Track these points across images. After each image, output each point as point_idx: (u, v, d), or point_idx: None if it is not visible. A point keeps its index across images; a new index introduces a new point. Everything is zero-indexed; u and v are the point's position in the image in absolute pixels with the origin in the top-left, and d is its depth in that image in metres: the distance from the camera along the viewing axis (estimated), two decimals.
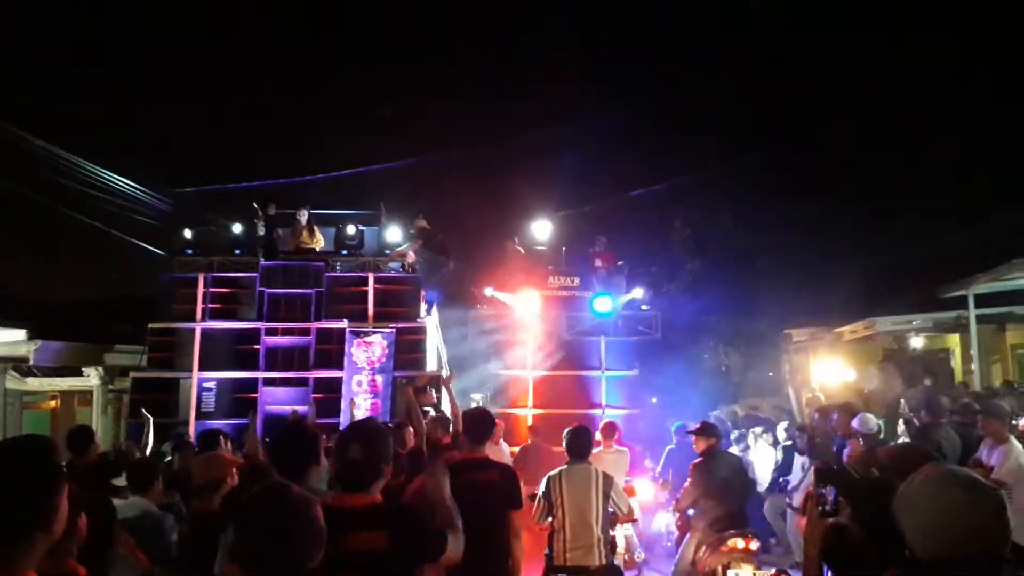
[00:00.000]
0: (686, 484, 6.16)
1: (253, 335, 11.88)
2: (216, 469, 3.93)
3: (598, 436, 7.57)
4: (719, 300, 22.62)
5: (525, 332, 13.05)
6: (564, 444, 5.41)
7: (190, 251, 12.77)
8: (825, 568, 2.54)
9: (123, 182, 14.89)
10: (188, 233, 12.97)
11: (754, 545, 5.85)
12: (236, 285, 12.24)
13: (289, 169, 16.20)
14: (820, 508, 2.64)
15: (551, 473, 5.30)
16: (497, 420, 6.40)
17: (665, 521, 8.50)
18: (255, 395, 11.63)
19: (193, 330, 11.84)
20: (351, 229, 13.09)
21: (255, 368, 11.75)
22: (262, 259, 12.30)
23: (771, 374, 20.65)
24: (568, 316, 13.19)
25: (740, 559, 5.74)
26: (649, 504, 8.47)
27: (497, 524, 4.28)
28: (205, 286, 12.05)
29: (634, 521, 6.21)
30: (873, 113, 20.70)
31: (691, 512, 6.13)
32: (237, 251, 12.76)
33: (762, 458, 10.01)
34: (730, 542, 5.76)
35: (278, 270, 12.25)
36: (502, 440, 8.40)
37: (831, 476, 2.75)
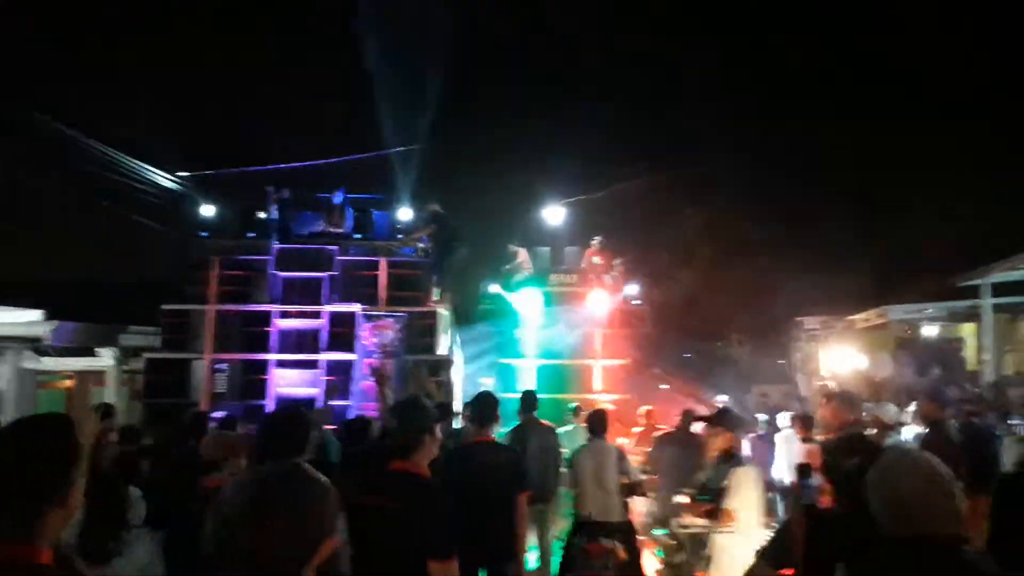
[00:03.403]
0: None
1: (265, 318, 11.95)
2: (225, 447, 4.05)
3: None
4: (730, 288, 22.63)
5: (528, 325, 14.10)
6: (587, 424, 6.61)
7: (205, 233, 12.84)
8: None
9: (138, 164, 14.98)
10: (202, 215, 13.07)
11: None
12: (249, 268, 12.30)
13: (303, 153, 16.18)
14: (802, 497, 2.97)
15: (575, 447, 6.58)
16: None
17: None
18: (266, 377, 11.72)
19: (206, 312, 11.93)
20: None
21: (267, 350, 11.84)
22: (276, 242, 12.36)
23: (781, 362, 20.64)
24: (567, 310, 14.28)
25: (687, 510, 6.97)
26: None
27: (505, 504, 4.60)
28: (219, 268, 12.13)
29: (643, 493, 7.09)
30: (890, 99, 20.50)
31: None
32: (250, 234, 12.82)
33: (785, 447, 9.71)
34: (678, 498, 7.04)
35: (291, 253, 12.31)
36: None
37: (807, 470, 3.17)
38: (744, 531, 5.09)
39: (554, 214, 16.97)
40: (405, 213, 13.62)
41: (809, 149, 21.29)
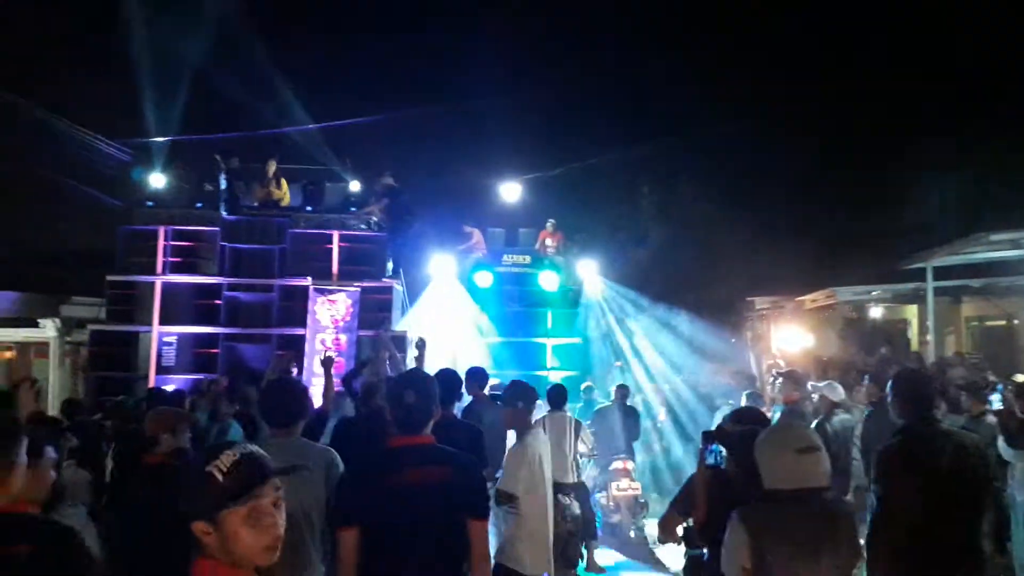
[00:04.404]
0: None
1: (215, 290, 11.72)
2: (165, 423, 3.98)
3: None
4: (683, 267, 22.87)
5: (481, 304, 14.25)
6: (547, 397, 7.32)
7: (150, 203, 12.48)
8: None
9: (81, 131, 14.48)
10: (148, 185, 12.69)
11: (631, 465, 8.70)
12: (197, 239, 12.02)
13: (252, 122, 15.77)
14: (705, 460, 3.75)
15: (537, 418, 6.74)
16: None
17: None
18: (216, 351, 11.51)
19: (153, 284, 11.64)
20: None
21: (216, 324, 11.61)
22: (224, 213, 12.08)
23: (732, 341, 20.98)
24: (520, 290, 14.55)
25: (621, 475, 8.46)
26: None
27: (448, 540, 3.05)
28: (165, 239, 11.82)
29: (594, 456, 7.86)
30: (840, 85, 20.79)
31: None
32: (198, 204, 12.50)
33: None
34: (614, 464, 8.48)
35: (241, 225, 12.05)
36: None
37: (713, 434, 3.83)
38: None
39: (510, 191, 16.95)
40: (358, 186, 13.41)
41: (765, 132, 21.51)
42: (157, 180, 12.82)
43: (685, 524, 3.89)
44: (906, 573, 3.59)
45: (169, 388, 9.18)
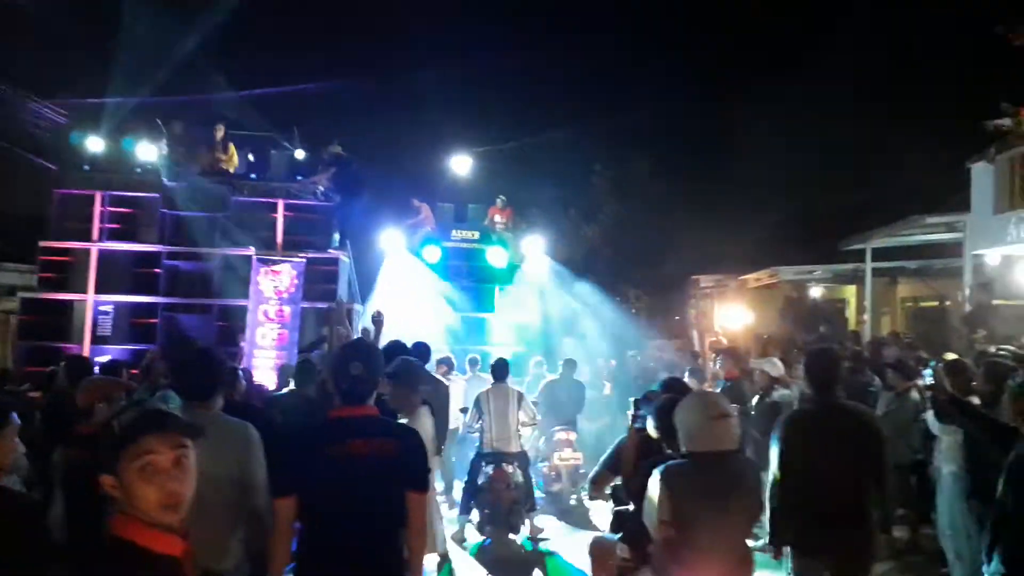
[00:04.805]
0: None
1: (154, 259, 11.40)
2: (99, 393, 3.86)
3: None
4: (633, 245, 23.10)
5: (430, 278, 14.24)
6: (491, 370, 7.73)
7: (86, 167, 12.03)
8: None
9: (16, 92, 13.87)
10: (86, 149, 12.22)
11: (574, 436, 8.88)
12: (136, 205, 11.65)
13: (198, 86, 15.29)
14: (634, 424, 4.28)
15: (481, 390, 7.56)
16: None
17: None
18: (155, 321, 11.23)
19: (89, 251, 11.27)
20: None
21: (155, 293, 11.32)
22: (165, 179, 11.72)
23: (677, 318, 21.30)
24: (468, 266, 14.57)
25: (564, 445, 8.72)
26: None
27: (387, 512, 3.03)
28: (102, 205, 11.44)
29: (535, 424, 8.02)
30: (786, 68, 21.09)
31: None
32: (138, 169, 12.08)
33: None
34: (557, 435, 8.73)
35: (182, 191, 11.71)
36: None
37: (641, 402, 4.43)
38: None
39: (461, 164, 16.81)
40: (304, 155, 13.12)
41: (718, 113, 21.74)
42: (95, 144, 12.34)
43: (614, 482, 4.30)
44: (799, 528, 4.03)
45: (104, 359, 8.92)
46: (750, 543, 3.53)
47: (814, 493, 3.96)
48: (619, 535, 4.09)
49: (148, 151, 12.07)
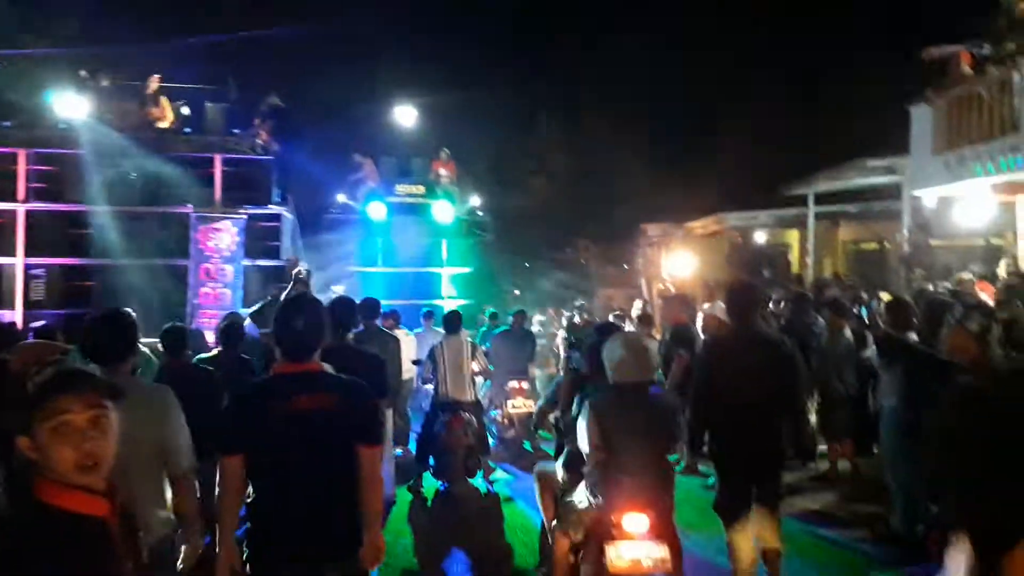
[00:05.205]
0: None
1: (85, 218, 10.95)
2: (36, 356, 3.70)
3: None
4: (581, 196, 23.10)
5: (376, 234, 14.39)
6: (443, 323, 7.86)
7: (7, 123, 11.41)
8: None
9: None
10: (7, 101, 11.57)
11: (526, 385, 9.09)
12: (62, 163, 11.13)
13: (125, 34, 14.55)
14: (568, 366, 4.84)
15: (435, 343, 7.79)
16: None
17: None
18: (91, 283, 10.85)
19: (15, 211, 10.78)
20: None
21: (89, 255, 10.90)
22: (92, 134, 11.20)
23: (626, 267, 21.48)
24: (414, 220, 14.63)
25: (516, 393, 8.95)
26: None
27: (336, 467, 2.97)
28: (27, 163, 10.92)
29: (488, 374, 8.24)
30: (730, 6, 21.08)
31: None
32: (62, 125, 11.49)
33: None
34: (510, 384, 8.94)
35: (111, 147, 11.21)
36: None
37: (572, 344, 5.31)
38: None
39: (404, 115, 16.51)
40: (240, 105, 12.65)
41: (660, 62, 21.61)
42: (20, 96, 11.67)
43: (554, 414, 4.76)
44: (724, 448, 4.48)
45: (39, 324, 8.58)
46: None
47: (731, 413, 4.36)
48: (560, 461, 4.45)
49: (73, 105, 11.46)
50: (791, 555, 4.73)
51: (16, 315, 10.53)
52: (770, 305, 9.21)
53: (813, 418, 7.44)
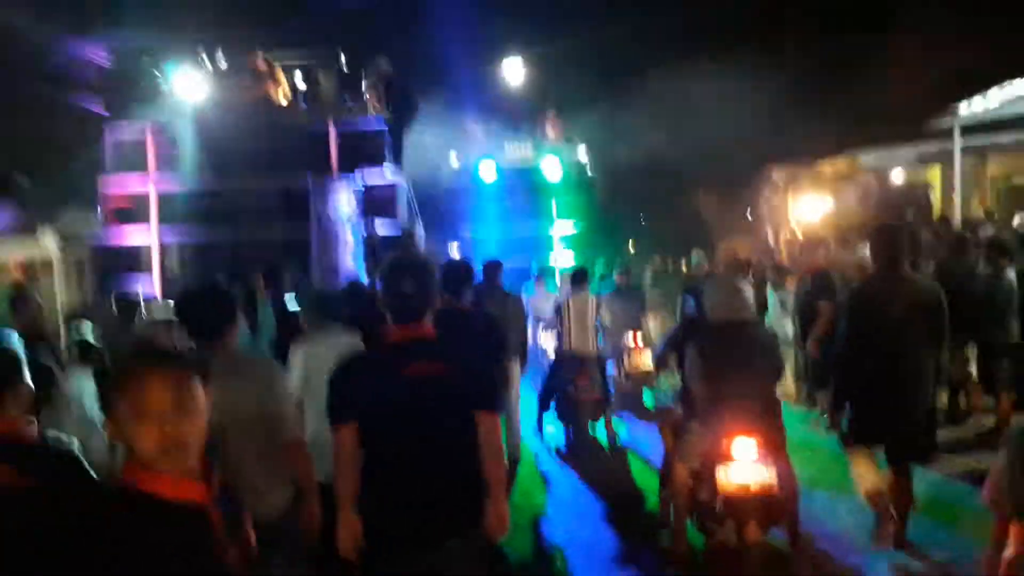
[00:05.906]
0: None
1: (211, 193, 11.28)
2: None
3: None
4: (699, 143, 22.16)
5: (487, 195, 14.47)
6: (571, 279, 8.29)
7: (134, 102, 11.84)
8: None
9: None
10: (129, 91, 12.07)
11: (639, 337, 9.19)
12: (186, 140, 11.43)
13: (231, 14, 14.79)
14: (683, 312, 5.52)
15: (562, 298, 8.27)
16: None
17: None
18: (220, 255, 11.21)
19: (147, 189, 11.29)
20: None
21: (216, 228, 11.24)
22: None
23: (748, 215, 20.54)
24: (525, 180, 14.58)
25: (631, 348, 9.14)
26: None
27: (453, 434, 2.86)
28: (154, 141, 11.37)
29: (607, 329, 8.35)
30: None
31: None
32: (184, 103, 11.82)
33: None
34: (626, 339, 9.15)
35: (230, 123, 11.49)
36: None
37: (686, 290, 5.94)
38: None
39: (513, 71, 16.29)
40: (350, 74, 12.72)
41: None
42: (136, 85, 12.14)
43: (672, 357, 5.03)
44: (865, 392, 4.45)
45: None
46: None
47: (878, 362, 4.34)
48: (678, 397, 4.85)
49: (193, 83, 11.83)
50: (927, 514, 4.79)
51: (155, 287, 11.05)
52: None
53: (974, 370, 6.82)
